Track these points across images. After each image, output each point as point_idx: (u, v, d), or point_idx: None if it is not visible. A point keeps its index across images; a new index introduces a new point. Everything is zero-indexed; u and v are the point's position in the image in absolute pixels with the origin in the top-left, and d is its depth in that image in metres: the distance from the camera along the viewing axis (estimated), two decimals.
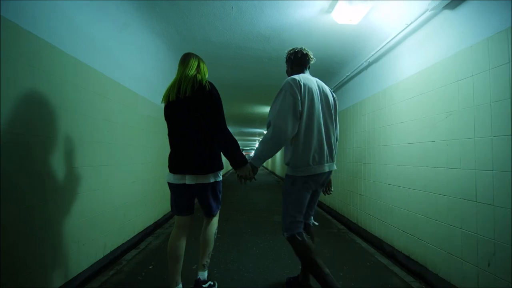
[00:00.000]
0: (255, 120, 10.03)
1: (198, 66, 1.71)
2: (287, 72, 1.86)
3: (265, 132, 1.60)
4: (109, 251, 2.25)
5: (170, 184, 1.66)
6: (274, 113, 1.55)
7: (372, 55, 2.91)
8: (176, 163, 1.62)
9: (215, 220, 1.82)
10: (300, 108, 1.54)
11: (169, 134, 1.69)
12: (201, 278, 1.75)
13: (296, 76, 1.60)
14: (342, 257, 2.53)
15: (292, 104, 1.51)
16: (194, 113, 1.57)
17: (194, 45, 3.22)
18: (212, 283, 1.81)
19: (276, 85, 2.73)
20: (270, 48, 3.32)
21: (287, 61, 1.84)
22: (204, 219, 1.83)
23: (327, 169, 1.65)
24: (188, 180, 1.58)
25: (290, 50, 1.80)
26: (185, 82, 1.58)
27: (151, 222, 3.25)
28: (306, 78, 1.64)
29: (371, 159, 3.13)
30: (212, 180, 1.63)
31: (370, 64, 3.13)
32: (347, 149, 3.93)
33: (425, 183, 2.17)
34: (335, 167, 1.74)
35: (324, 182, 1.72)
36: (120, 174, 2.47)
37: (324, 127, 1.64)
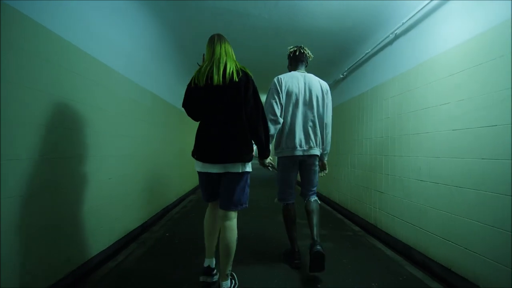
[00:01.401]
0: None
1: (232, 52, 1.67)
2: (287, 67, 2.18)
3: None
4: (75, 267, 1.75)
5: (206, 174, 1.63)
6: (266, 104, 1.95)
7: (403, 24, 2.40)
8: (217, 153, 1.56)
9: (235, 223, 1.66)
10: (282, 101, 1.97)
11: (203, 120, 1.63)
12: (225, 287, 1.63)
13: (281, 75, 2.02)
14: (367, 270, 2.07)
15: (276, 97, 1.97)
16: (238, 102, 1.57)
17: (184, 12, 2.70)
18: (234, 282, 1.74)
19: (284, 70, 2.26)
20: (277, 17, 2.79)
21: (287, 58, 2.15)
22: (223, 218, 1.63)
23: (300, 153, 2.00)
24: (232, 168, 1.58)
25: (290, 48, 2.10)
26: (231, 67, 1.57)
27: (136, 226, 2.75)
28: (289, 75, 2.02)
29: (395, 151, 2.65)
30: (247, 170, 1.64)
31: (397, 37, 2.63)
32: (362, 140, 3.44)
33: (478, 180, 1.71)
34: (315, 152, 2.03)
35: (305, 163, 2.06)
36: (91, 168, 1.96)
37: (301, 117, 1.98)
